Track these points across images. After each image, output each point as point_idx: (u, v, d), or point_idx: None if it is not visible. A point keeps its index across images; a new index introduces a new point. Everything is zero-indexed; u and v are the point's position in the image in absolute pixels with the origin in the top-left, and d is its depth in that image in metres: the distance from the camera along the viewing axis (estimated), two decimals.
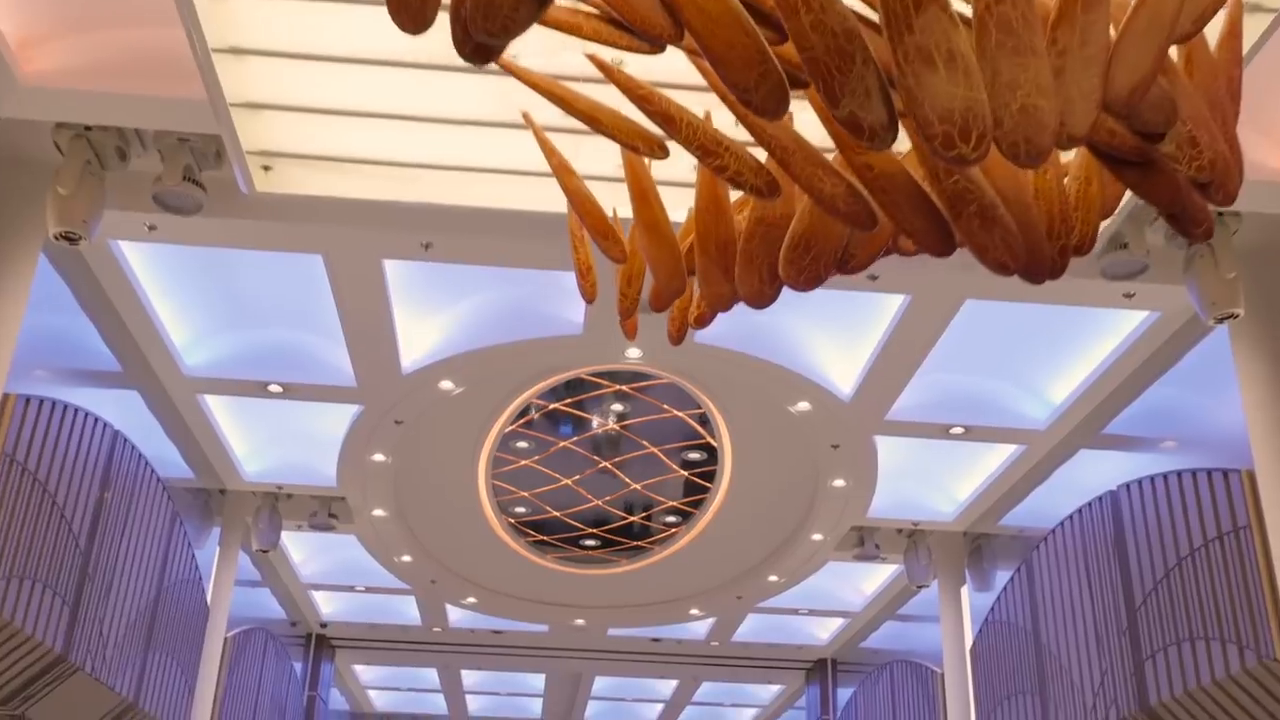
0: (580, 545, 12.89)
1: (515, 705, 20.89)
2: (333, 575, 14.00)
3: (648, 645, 16.06)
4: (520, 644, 16.16)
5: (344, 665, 17.68)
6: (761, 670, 17.10)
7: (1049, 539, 9.36)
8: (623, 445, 10.86)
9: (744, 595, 13.59)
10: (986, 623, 10.62)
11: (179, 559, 9.57)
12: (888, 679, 13.37)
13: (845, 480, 10.42)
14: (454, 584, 13.53)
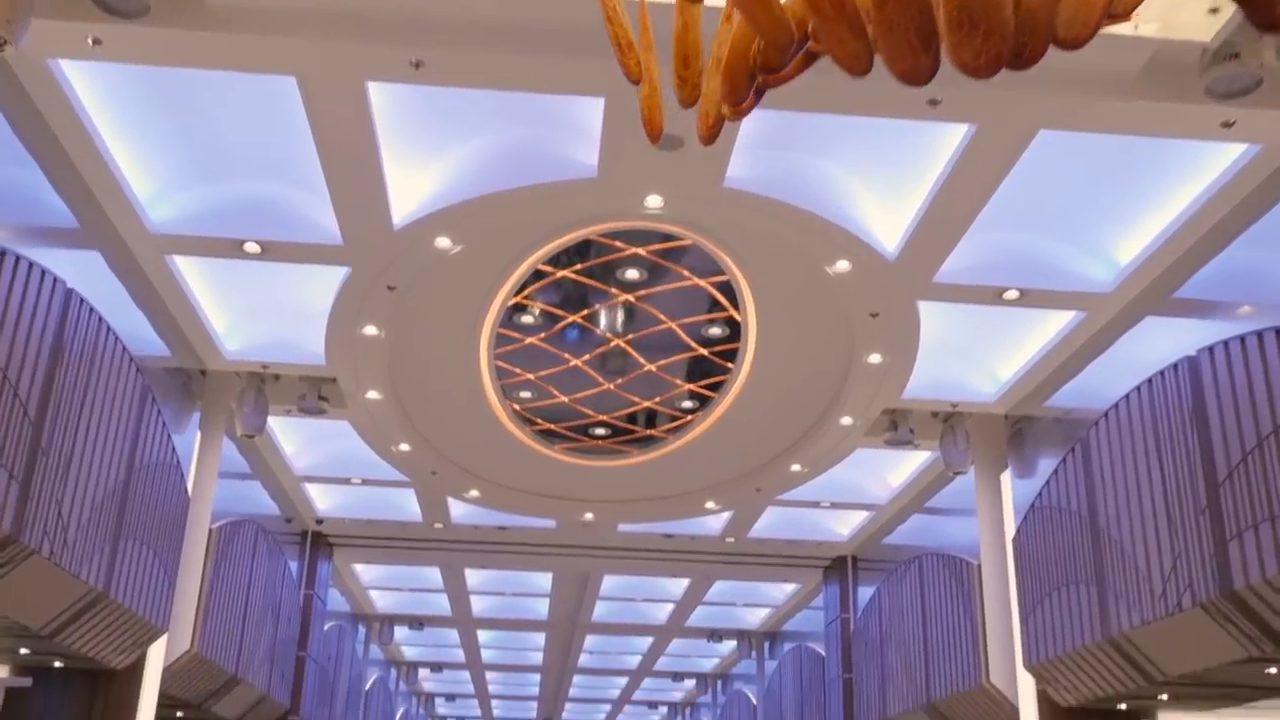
0: (589, 435, 12.05)
1: (521, 606, 20.29)
2: (327, 467, 13.20)
3: (659, 542, 15.33)
4: (526, 541, 15.43)
5: (343, 564, 16.99)
6: (777, 568, 16.41)
7: (1110, 415, 8.48)
8: (637, 320, 9.93)
9: (763, 487, 12.79)
10: (1032, 510, 9.79)
11: (152, 440, 8.71)
12: (915, 574, 12.61)
13: (882, 355, 9.52)
14: (455, 476, 12.73)
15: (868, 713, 14.16)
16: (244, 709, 12.79)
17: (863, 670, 14.53)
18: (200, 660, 10.39)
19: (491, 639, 23.21)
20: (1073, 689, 9.33)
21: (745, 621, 20.67)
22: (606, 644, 23.35)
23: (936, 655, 11.80)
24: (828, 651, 16.06)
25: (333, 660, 17.10)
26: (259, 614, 12.41)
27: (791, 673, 18.49)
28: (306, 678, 14.77)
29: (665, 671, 25.94)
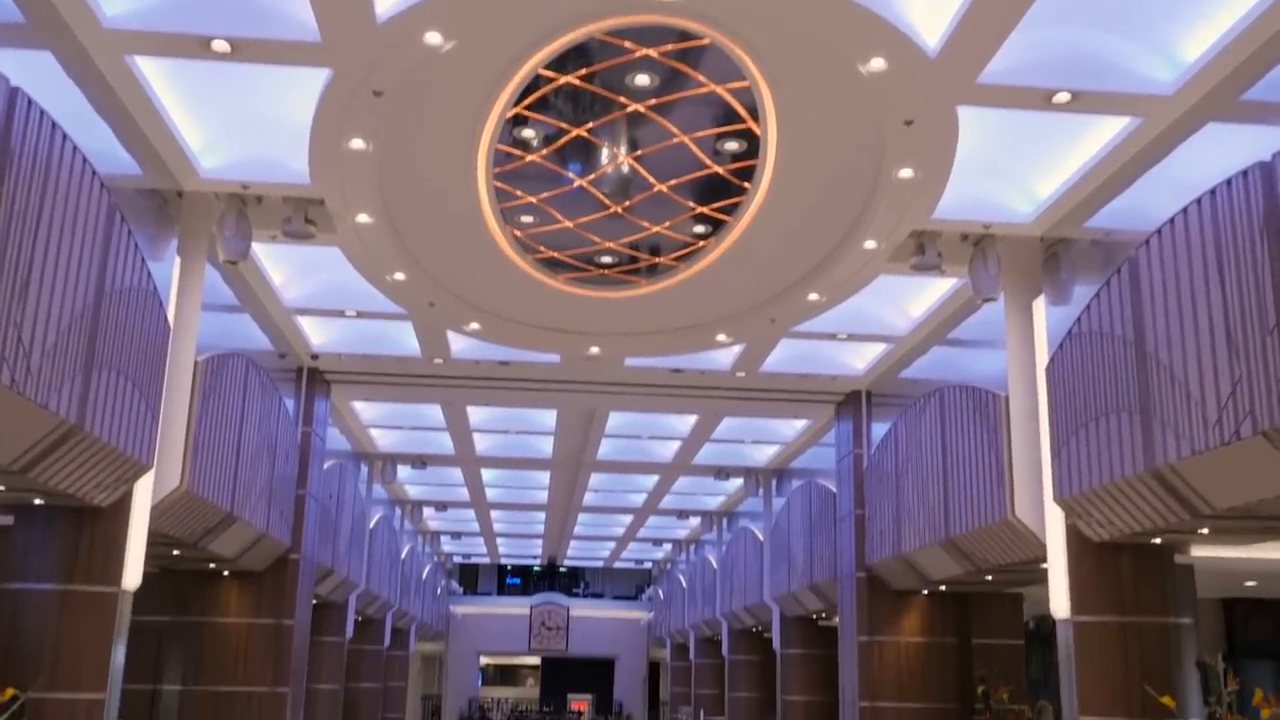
0: (595, 263, 11.38)
1: (525, 444, 19.95)
2: (320, 299, 12.56)
3: (667, 377, 14.81)
4: (529, 377, 14.91)
5: (341, 402, 16.53)
6: (788, 403, 15.94)
7: (1165, 230, 7.78)
8: (647, 134, 9.14)
9: (778, 318, 12.19)
10: (1069, 337, 9.18)
11: (123, 262, 8.04)
12: (936, 407, 12.10)
13: (914, 170, 8.77)
14: (455, 307, 12.11)
15: (881, 548, 13.86)
16: (242, 547, 12.46)
17: (876, 506, 14.17)
18: (191, 497, 9.95)
19: (496, 477, 22.99)
20: (1106, 523, 8.88)
21: (752, 459, 20.36)
22: (612, 482, 23.15)
23: (957, 490, 11.38)
24: (839, 488, 15.71)
25: (334, 499, 16.79)
26: (254, 451, 11.95)
27: (800, 509, 18.24)
28: (307, 516, 14.43)
29: (670, 509, 25.87)
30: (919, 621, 14.42)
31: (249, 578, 13.84)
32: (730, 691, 25.49)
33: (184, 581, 13.78)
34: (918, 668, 14.28)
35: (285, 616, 13.90)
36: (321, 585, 16.58)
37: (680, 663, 35.05)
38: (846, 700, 14.75)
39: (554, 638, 39.50)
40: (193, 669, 13.59)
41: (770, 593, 20.38)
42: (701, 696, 29.98)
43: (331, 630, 19.25)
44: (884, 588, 14.40)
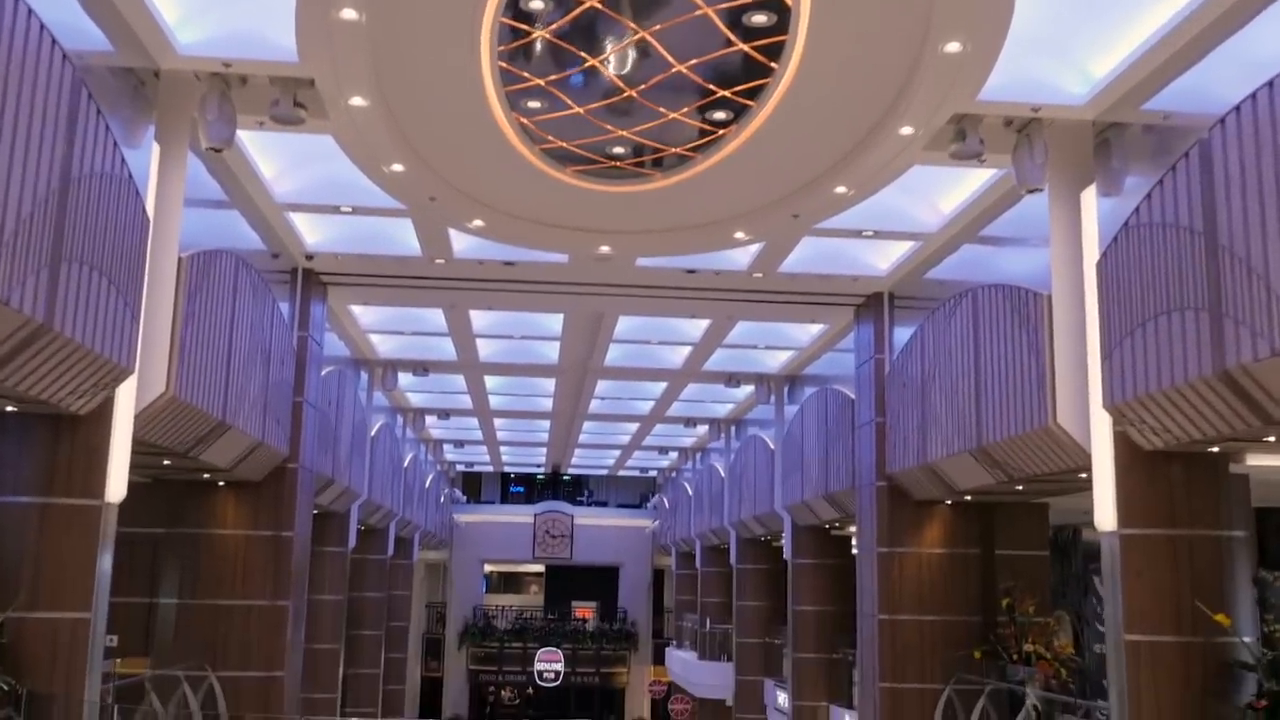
0: (607, 154, 10.59)
1: (530, 350, 19.31)
2: (313, 193, 11.81)
3: (681, 278, 14.09)
4: (535, 278, 14.20)
5: (339, 305, 15.83)
6: (805, 306, 15.25)
7: (1245, 108, 7.02)
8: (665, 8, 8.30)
9: (801, 214, 11.42)
10: (1126, 228, 8.46)
11: (91, 146, 7.29)
12: (968, 309, 11.42)
13: (963, 42, 7.96)
14: (457, 203, 11.36)
15: (904, 457, 13.28)
16: (237, 457, 11.88)
17: (899, 413, 13.57)
18: (178, 404, 9.32)
19: (499, 385, 22.41)
20: (1162, 430, 8.26)
21: (765, 365, 19.74)
22: (618, 389, 22.57)
23: (991, 396, 10.74)
24: (858, 394, 15.10)
25: (333, 406, 16.20)
26: (246, 356, 11.30)
27: (814, 417, 17.66)
28: (305, 424, 13.84)
29: (677, 417, 25.33)
30: (941, 532, 13.91)
31: (246, 488, 13.30)
32: (738, 600, 25.23)
33: (178, 492, 13.24)
34: (939, 580, 13.80)
35: (284, 528, 13.39)
36: (322, 495, 16.08)
37: (686, 571, 34.89)
38: (864, 613, 14.31)
39: (558, 546, 39.35)
40: (189, 582, 13.12)
41: (782, 502, 19.91)
42: (708, 605, 29.80)
43: (333, 541, 18.82)
44: (905, 498, 13.86)
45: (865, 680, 14.23)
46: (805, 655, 19.47)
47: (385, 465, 21.72)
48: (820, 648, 19.40)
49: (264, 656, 13.08)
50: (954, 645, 13.58)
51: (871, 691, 13.89)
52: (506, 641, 37.48)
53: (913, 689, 13.54)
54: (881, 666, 13.65)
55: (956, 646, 13.56)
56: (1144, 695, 8.53)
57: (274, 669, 13.12)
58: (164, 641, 13.00)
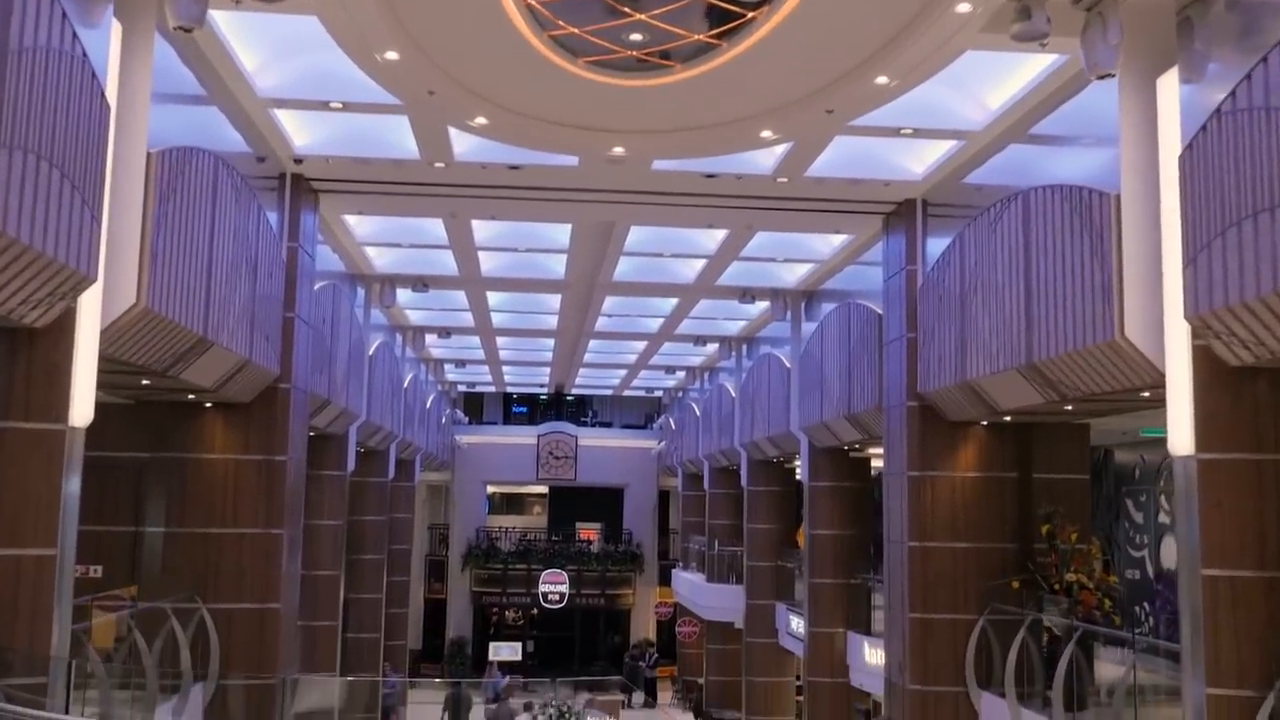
0: (623, 41, 9.54)
1: (535, 264, 18.35)
2: (300, 87, 10.78)
3: (699, 183, 13.09)
4: (542, 184, 13.20)
5: (331, 215, 14.83)
6: (831, 215, 14.26)
7: None
8: None
9: (836, 109, 10.40)
10: (1217, 116, 7.46)
11: (34, 13, 6.27)
12: (1018, 213, 10.43)
13: None
14: (457, 97, 10.33)
15: (939, 375, 12.40)
16: (222, 376, 10.99)
17: (933, 329, 12.65)
18: (152, 317, 8.40)
19: (502, 301, 21.46)
20: (1254, 343, 7.35)
21: (782, 280, 18.78)
22: (626, 305, 21.64)
23: (1044, 309, 9.81)
24: (886, 309, 14.17)
25: (328, 323, 15.28)
26: (229, 267, 10.35)
27: (836, 333, 16.75)
28: (297, 341, 12.93)
29: (687, 335, 24.42)
30: (975, 455, 13.09)
31: (235, 410, 12.44)
32: (749, 523, 24.57)
33: (162, 415, 12.39)
34: (973, 505, 13.01)
35: (277, 451, 12.56)
36: (318, 417, 15.23)
37: (693, 492, 34.26)
38: (892, 540, 13.54)
39: (562, 467, 38.70)
40: (176, 509, 12.33)
41: (798, 423, 19.09)
42: (716, 527, 29.18)
43: (331, 464, 18.03)
44: (938, 418, 13.01)
45: (893, 610, 13.51)
46: (822, 581, 18.78)
47: (384, 385, 20.86)
48: (837, 573, 18.72)
49: (257, 587, 12.33)
50: (988, 574, 12.83)
51: (900, 621, 13.17)
52: (510, 563, 36.97)
53: (944, 619, 12.82)
54: (911, 596, 12.91)
55: (991, 576, 12.81)
56: (1222, 635, 7.73)
57: (268, 600, 12.38)
58: (151, 573, 12.24)
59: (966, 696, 12.69)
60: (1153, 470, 16.54)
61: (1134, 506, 16.96)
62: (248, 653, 12.25)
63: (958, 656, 12.76)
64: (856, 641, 17.90)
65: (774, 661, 23.94)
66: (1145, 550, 16.66)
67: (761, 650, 23.93)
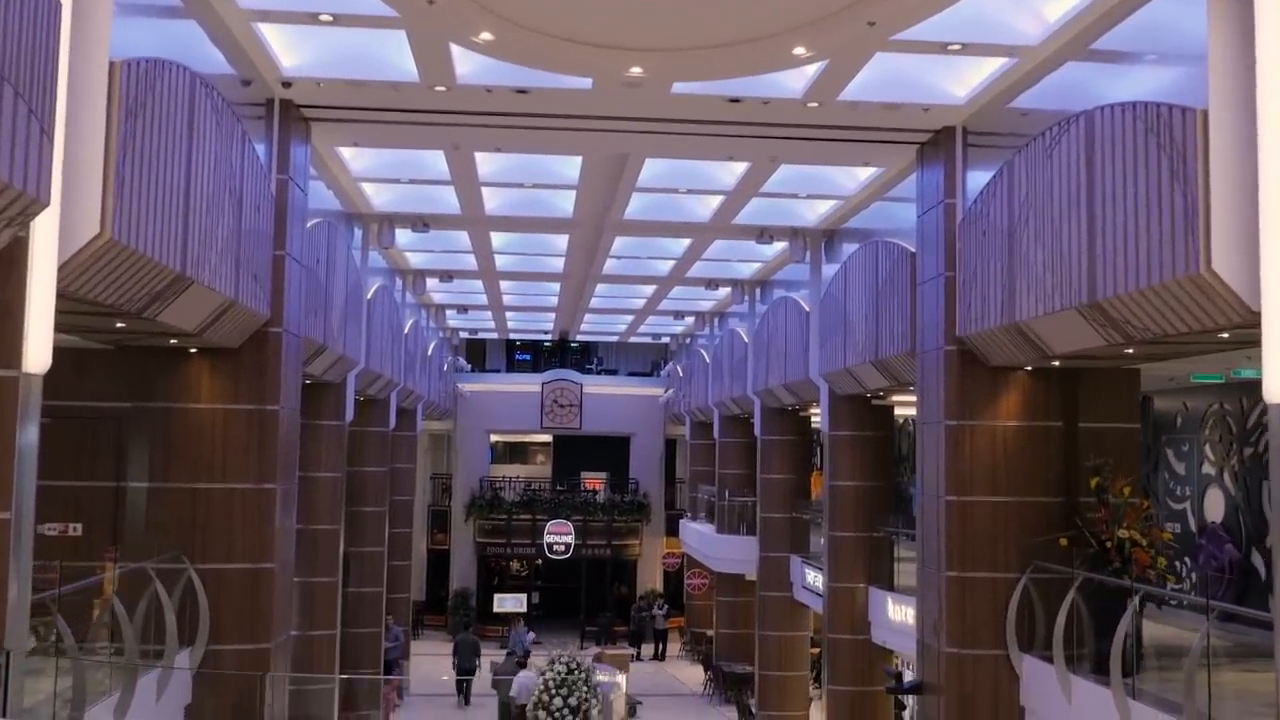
0: None
1: (541, 202, 17.36)
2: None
3: (722, 109, 12.08)
4: (552, 110, 12.19)
5: (325, 148, 13.85)
6: (861, 146, 13.29)
7: None
8: None
9: (879, 20, 9.38)
10: None
11: None
12: (1078, 136, 9.44)
13: None
14: (460, 6, 9.29)
15: (982, 317, 11.47)
16: (205, 318, 10.07)
17: (975, 267, 11.71)
18: (119, 249, 7.46)
19: (507, 243, 20.47)
20: None
21: (802, 218, 17.80)
22: (636, 247, 20.65)
23: (1111, 241, 8.86)
24: (920, 247, 13.22)
25: (323, 264, 14.33)
26: (210, 197, 9.38)
27: (861, 274, 15.80)
28: (288, 282, 12.00)
29: (698, 278, 23.47)
30: (1018, 402, 12.20)
31: (223, 356, 11.54)
32: (762, 473, 23.77)
33: (144, 361, 11.49)
34: (1015, 456, 12.14)
35: (268, 401, 11.68)
36: (313, 364, 14.33)
37: (701, 441, 33.47)
38: (927, 493, 12.69)
39: (566, 415, 37.88)
40: (161, 463, 11.46)
41: (818, 369, 18.20)
42: (726, 476, 28.41)
43: (329, 414, 17.17)
44: (978, 363, 12.11)
45: (927, 568, 12.69)
46: (842, 534, 17.99)
47: (384, 331, 19.94)
48: (859, 526, 17.92)
49: (250, 546, 11.51)
50: (1031, 530, 12.00)
51: (935, 580, 12.35)
52: (515, 514, 36.23)
53: (984, 578, 11.99)
54: (948, 553, 12.08)
55: (1034, 532, 11.98)
56: None
57: (262, 560, 11.56)
58: (135, 531, 11.39)
59: (1007, 659, 11.90)
60: (1196, 418, 15.67)
61: (1175, 456, 16.12)
62: (240, 616, 11.44)
63: (998, 617, 11.95)
64: (879, 597, 17.14)
65: (788, 616, 23.23)
66: (1187, 503, 15.84)
67: (775, 604, 23.21)
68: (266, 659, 11.54)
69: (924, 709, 12.63)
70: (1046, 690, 11.27)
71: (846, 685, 17.67)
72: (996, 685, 11.91)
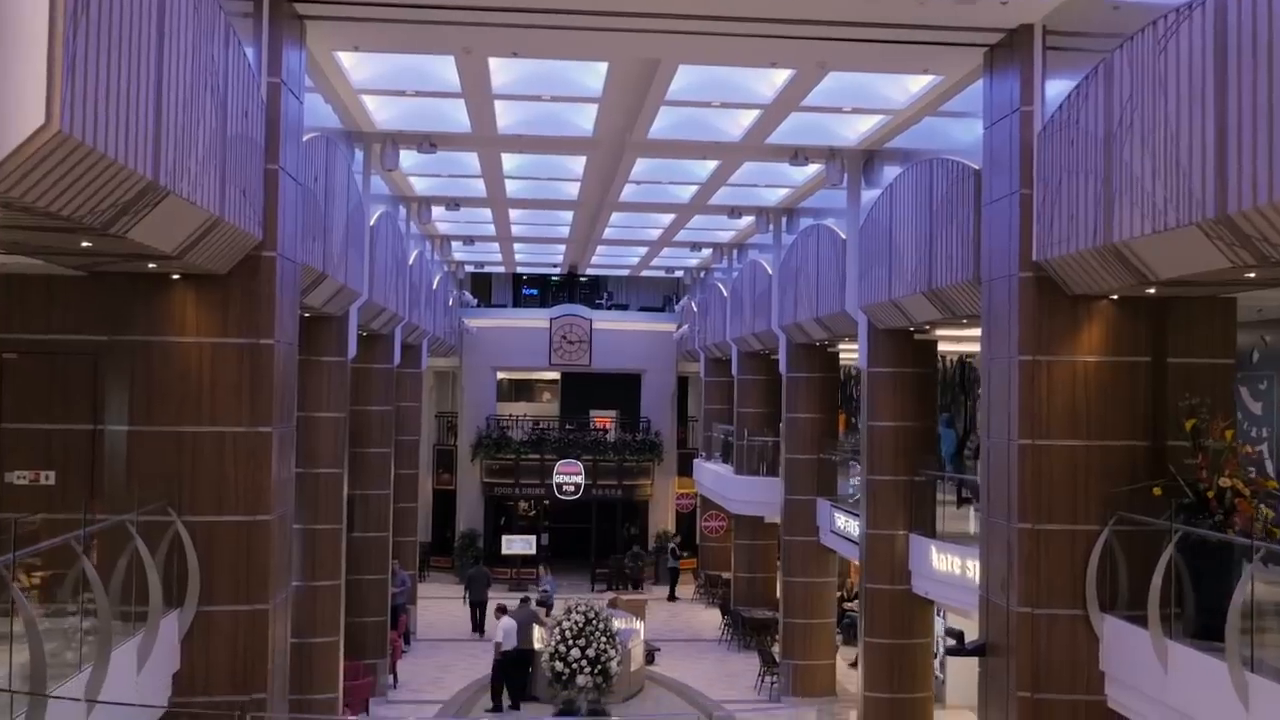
0: None
1: (559, 118, 15.95)
2: None
3: (768, 5, 10.66)
4: (577, 6, 10.77)
5: (322, 52, 12.42)
6: (921, 49, 11.88)
7: None
8: None
9: None
10: None
11: None
12: (1205, 23, 8.02)
13: None
14: None
15: (1069, 239, 10.12)
16: (186, 238, 8.76)
17: (1059, 183, 10.34)
18: (72, 145, 6.12)
19: (519, 166, 19.03)
20: None
21: (842, 137, 16.38)
22: (657, 170, 19.26)
23: (1247, 145, 7.49)
24: (988, 163, 11.84)
25: (321, 184, 12.97)
26: (187, 94, 8.01)
27: (912, 196, 14.43)
28: (282, 201, 10.66)
29: (720, 206, 22.04)
30: (1102, 335, 10.93)
31: (209, 284, 10.27)
32: (788, 412, 22.53)
33: (121, 289, 10.23)
34: (1098, 395, 10.90)
35: (263, 334, 10.41)
36: (312, 295, 13.04)
37: (717, 378, 32.27)
38: (994, 438, 11.45)
39: (576, 352, 36.59)
40: (142, 404, 10.23)
41: (857, 301, 16.89)
42: (745, 415, 27.22)
43: (330, 349, 15.92)
44: (1057, 292, 10.81)
45: (994, 519, 11.47)
46: (881, 477, 16.78)
47: (387, 262, 18.60)
48: (898, 469, 16.71)
49: (244, 496, 10.32)
50: (1115, 478, 10.79)
51: (1005, 533, 11.15)
52: (523, 453, 35.07)
53: (1061, 531, 10.80)
54: (1021, 503, 10.86)
55: (1118, 480, 10.77)
56: None
57: (257, 511, 10.36)
58: (114, 480, 10.18)
59: (1085, 620, 10.74)
60: (1277, 353, 14.38)
61: (1250, 395, 14.85)
62: (234, 573, 10.28)
63: (1075, 574, 10.77)
64: (921, 545, 15.99)
65: (814, 561, 22.12)
66: (1264, 444, 14.60)
67: (800, 549, 22.09)
68: (265, 620, 10.37)
69: (989, 672, 11.49)
70: (1134, 655, 10.11)
71: (885, 637, 16.57)
72: (1074, 648, 10.76)
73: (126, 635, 8.86)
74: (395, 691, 21.85)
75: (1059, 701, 10.76)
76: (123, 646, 8.60)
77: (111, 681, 8.06)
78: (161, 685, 9.75)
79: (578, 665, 18.92)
